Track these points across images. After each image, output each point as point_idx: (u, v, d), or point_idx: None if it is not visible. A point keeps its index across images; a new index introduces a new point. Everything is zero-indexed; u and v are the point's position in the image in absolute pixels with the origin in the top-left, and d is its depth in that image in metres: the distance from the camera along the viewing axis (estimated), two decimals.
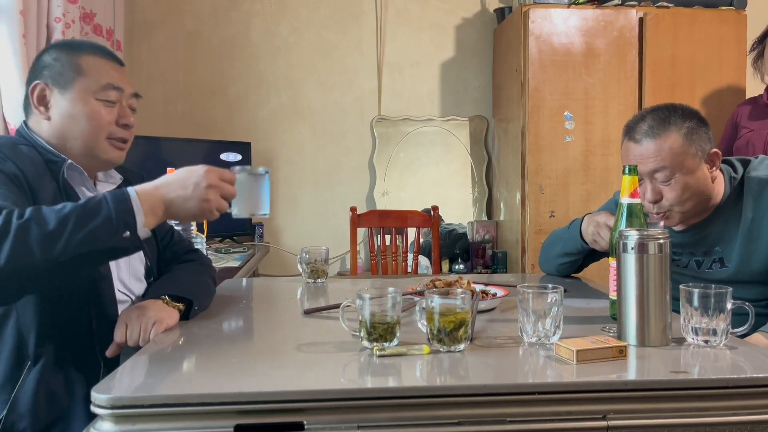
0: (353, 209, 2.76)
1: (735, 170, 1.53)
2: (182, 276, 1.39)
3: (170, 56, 3.36)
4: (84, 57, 1.29)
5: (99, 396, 0.85)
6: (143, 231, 1.06)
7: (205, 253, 1.71)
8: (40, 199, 1.17)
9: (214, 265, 1.63)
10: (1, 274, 0.96)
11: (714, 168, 1.49)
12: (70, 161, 1.27)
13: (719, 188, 1.51)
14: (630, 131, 1.50)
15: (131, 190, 1.07)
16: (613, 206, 1.70)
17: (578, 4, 3.00)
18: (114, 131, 1.31)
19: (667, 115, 1.46)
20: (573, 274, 1.81)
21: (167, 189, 1.09)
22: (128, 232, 1.03)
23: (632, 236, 1.10)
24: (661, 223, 1.43)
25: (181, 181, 1.10)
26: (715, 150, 1.48)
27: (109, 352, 1.18)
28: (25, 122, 1.32)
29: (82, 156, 1.29)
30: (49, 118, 1.27)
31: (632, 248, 1.10)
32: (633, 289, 1.10)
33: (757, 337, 1.33)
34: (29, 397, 1.14)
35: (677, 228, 1.55)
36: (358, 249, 3.03)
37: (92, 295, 1.23)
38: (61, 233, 0.98)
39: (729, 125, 2.75)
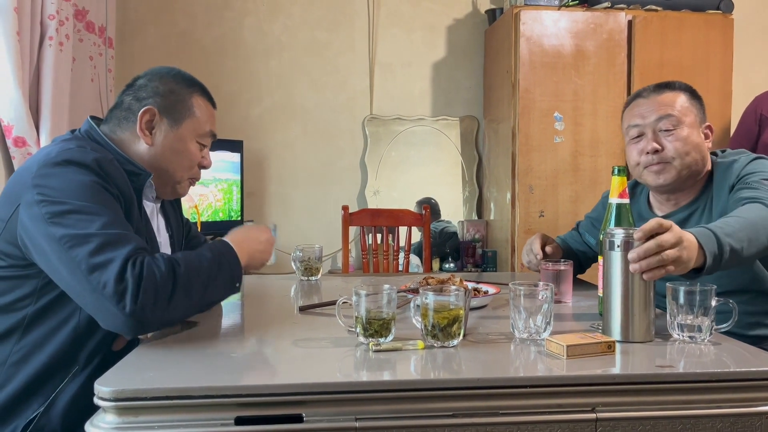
0: (345, 208, 2.79)
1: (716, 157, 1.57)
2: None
3: (162, 54, 3.36)
4: (195, 97, 1.36)
5: (102, 388, 0.87)
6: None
7: None
8: (130, 210, 1.21)
9: None
10: (163, 319, 1.10)
11: (708, 140, 1.55)
12: (150, 177, 1.30)
13: (708, 166, 1.55)
14: (634, 96, 1.61)
15: (232, 247, 1.25)
16: (602, 207, 1.74)
17: (568, 6, 3.04)
18: (196, 173, 1.41)
19: (670, 82, 1.58)
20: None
21: (248, 246, 1.33)
22: (239, 283, 1.25)
23: (618, 234, 1.13)
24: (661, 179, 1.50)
25: (255, 237, 1.36)
26: (709, 123, 1.57)
27: (116, 346, 1.20)
28: (109, 128, 1.32)
29: (164, 184, 1.36)
30: (151, 144, 1.31)
31: (618, 246, 1.13)
32: (618, 286, 1.13)
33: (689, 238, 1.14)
34: (67, 400, 1.15)
35: (660, 212, 1.58)
36: (349, 247, 3.05)
37: None
38: (208, 282, 1.16)
39: (749, 120, 2.71)
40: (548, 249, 1.63)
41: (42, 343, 1.15)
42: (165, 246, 1.42)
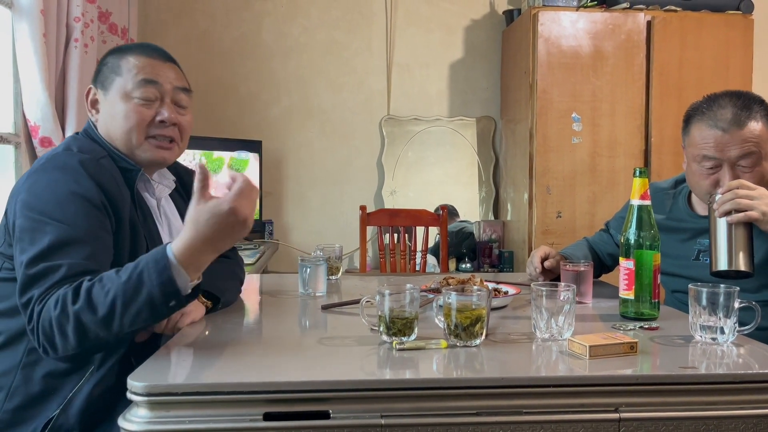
0: (363, 208, 2.81)
1: None
2: (215, 273, 1.41)
3: (182, 55, 3.37)
4: (126, 58, 1.29)
5: (135, 383, 0.89)
6: (190, 285, 1.06)
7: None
8: (120, 209, 1.21)
9: None
10: (79, 350, 1.06)
11: None
12: (142, 170, 1.30)
13: None
14: (706, 117, 1.47)
15: (170, 254, 1.03)
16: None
17: (587, 7, 3.03)
18: (150, 130, 1.29)
19: (748, 102, 1.45)
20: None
21: (204, 242, 1.04)
22: (174, 302, 1.04)
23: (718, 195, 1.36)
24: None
25: (212, 228, 1.03)
26: None
27: (139, 338, 1.22)
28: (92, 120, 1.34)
29: (129, 157, 1.30)
30: (97, 120, 1.31)
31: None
32: (723, 227, 1.34)
33: None
34: (83, 400, 1.16)
35: (704, 212, 1.56)
36: (366, 247, 3.07)
37: None
38: (111, 317, 1.02)
39: None
40: (547, 263, 1.63)
41: None
42: None
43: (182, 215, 1.42)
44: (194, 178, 1.04)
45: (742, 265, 1.32)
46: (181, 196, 1.46)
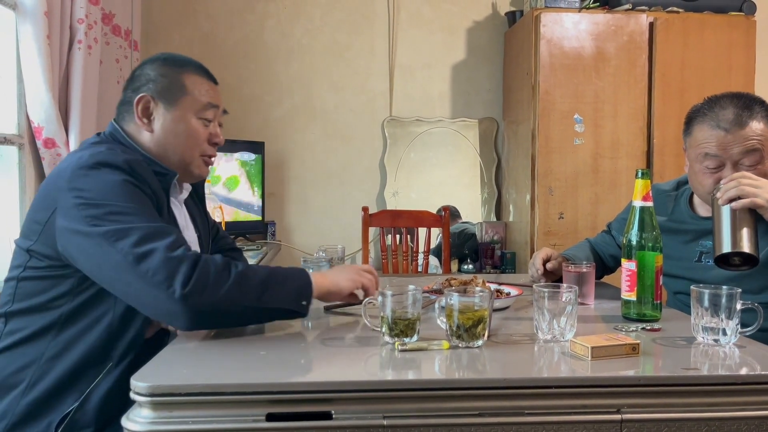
0: (365, 209, 2.81)
1: None
2: None
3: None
4: (188, 75, 1.35)
5: (138, 384, 0.89)
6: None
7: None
8: (160, 209, 1.24)
9: None
10: (214, 309, 1.09)
11: None
12: (178, 175, 1.33)
13: None
14: (708, 118, 1.48)
15: (309, 274, 1.24)
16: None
17: (589, 8, 3.03)
18: (206, 149, 1.38)
19: (749, 102, 1.47)
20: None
21: (328, 272, 1.31)
22: (305, 302, 1.20)
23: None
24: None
25: (333, 270, 1.35)
26: None
27: (147, 333, 1.24)
28: (121, 126, 1.34)
29: (176, 168, 1.34)
30: (151, 131, 1.33)
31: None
32: (727, 211, 1.34)
33: None
34: (101, 396, 1.18)
35: (705, 213, 1.57)
36: (369, 248, 3.07)
37: None
38: (267, 285, 1.14)
39: None
40: (549, 265, 1.64)
41: (77, 340, 1.19)
42: (194, 246, 1.44)
43: (194, 220, 1.46)
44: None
45: (745, 247, 1.31)
46: (194, 201, 1.50)
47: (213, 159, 1.42)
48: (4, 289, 1.24)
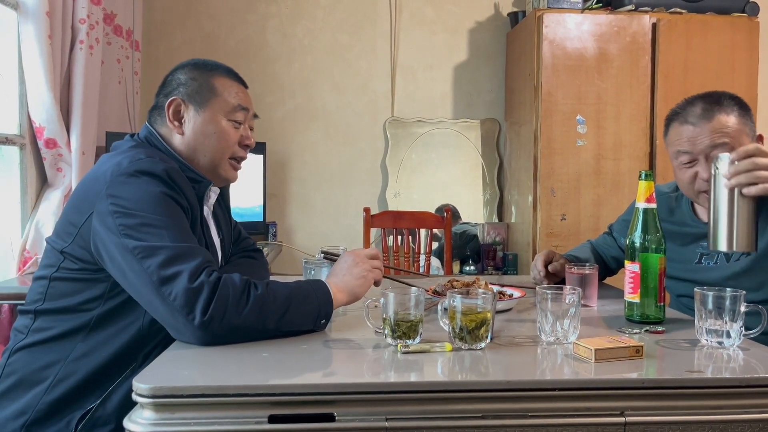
0: (367, 210, 2.81)
1: None
2: (244, 273, 1.42)
3: (187, 57, 3.34)
4: (217, 78, 1.36)
5: (140, 385, 0.89)
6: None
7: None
8: (195, 218, 1.25)
9: None
10: (233, 333, 1.10)
11: None
12: (212, 183, 1.34)
13: None
14: (679, 116, 1.51)
15: (328, 284, 1.25)
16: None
17: (592, 9, 3.03)
18: (236, 151, 1.38)
19: (718, 98, 1.48)
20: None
21: (342, 279, 1.29)
22: (324, 321, 1.21)
23: (725, 157, 1.25)
24: None
25: (343, 270, 1.31)
26: (760, 134, 1.51)
27: None
28: (155, 129, 1.35)
29: (206, 172, 1.35)
30: (182, 133, 1.33)
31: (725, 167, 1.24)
32: (724, 203, 1.26)
33: None
34: (123, 394, 1.18)
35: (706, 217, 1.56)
36: None
37: None
38: (287, 309, 1.15)
39: None
40: (551, 267, 1.63)
41: (106, 343, 1.19)
42: (217, 250, 1.43)
43: (218, 223, 1.46)
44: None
45: (744, 246, 1.28)
46: (220, 206, 1.50)
47: (241, 163, 1.42)
48: (35, 286, 1.25)
